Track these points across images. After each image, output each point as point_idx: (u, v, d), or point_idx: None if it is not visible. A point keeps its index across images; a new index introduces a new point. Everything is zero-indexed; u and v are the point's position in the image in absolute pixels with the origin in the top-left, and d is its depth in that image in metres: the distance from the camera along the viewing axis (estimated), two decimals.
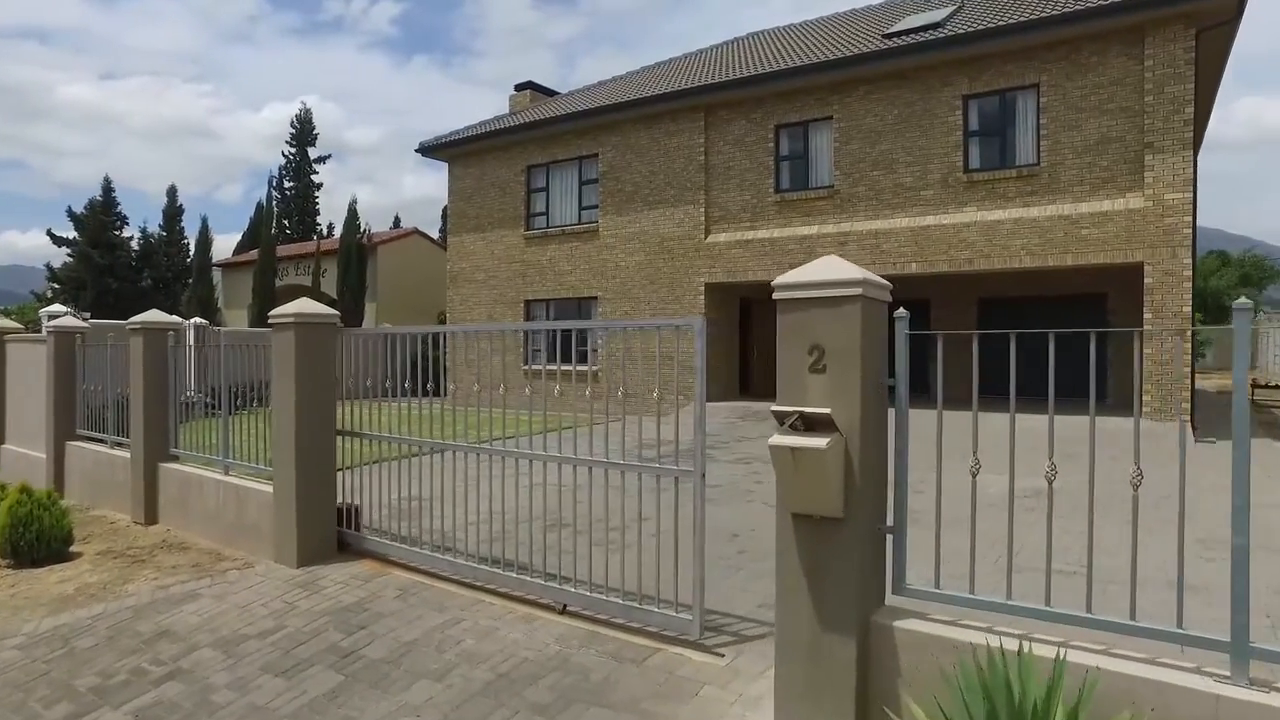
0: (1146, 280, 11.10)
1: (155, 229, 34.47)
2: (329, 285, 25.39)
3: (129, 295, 30.12)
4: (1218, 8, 10.70)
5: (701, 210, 15.41)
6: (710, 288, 15.43)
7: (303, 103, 42.40)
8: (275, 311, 6.06)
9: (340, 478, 6.13)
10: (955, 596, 3.22)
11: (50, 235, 32.44)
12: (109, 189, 32.99)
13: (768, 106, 14.82)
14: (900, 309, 3.38)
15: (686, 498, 4.21)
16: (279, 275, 27.11)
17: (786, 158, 14.79)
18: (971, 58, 12.65)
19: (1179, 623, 2.70)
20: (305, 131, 42.11)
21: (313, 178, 42.14)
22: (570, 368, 5.11)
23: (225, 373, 6.98)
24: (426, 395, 5.67)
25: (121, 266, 32.01)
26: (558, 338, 5.07)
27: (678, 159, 15.76)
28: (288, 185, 41.47)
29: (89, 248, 31.26)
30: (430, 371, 5.72)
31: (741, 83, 14.75)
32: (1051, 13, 11.68)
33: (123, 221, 33.28)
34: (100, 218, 32.08)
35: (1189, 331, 10.94)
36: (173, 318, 8.16)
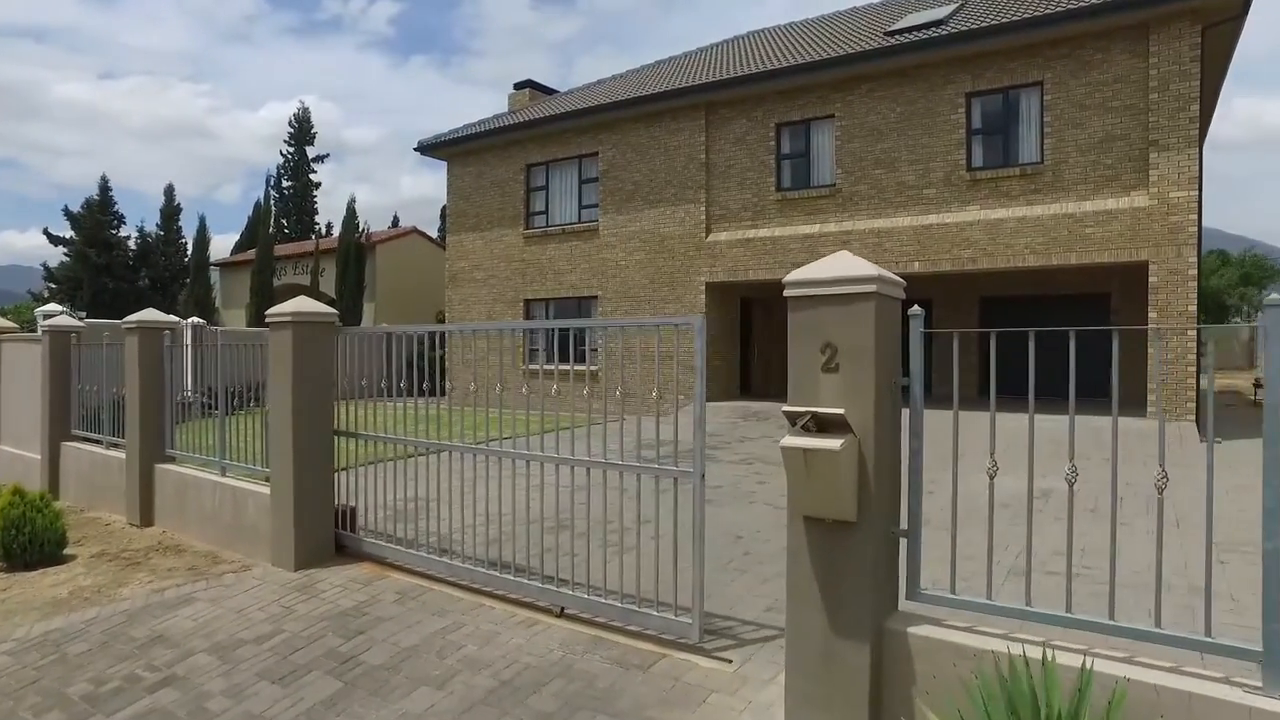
0: (1151, 279, 11.02)
1: (153, 228, 34.36)
2: (327, 285, 25.28)
3: (126, 295, 30.01)
4: (1225, 4, 10.62)
5: (702, 209, 15.32)
6: (711, 287, 15.34)
7: (301, 102, 42.35)
8: (272, 310, 5.97)
9: (338, 479, 6.04)
10: (972, 602, 3.13)
11: (47, 234, 32.33)
12: (106, 188, 32.88)
13: (769, 105, 14.72)
14: (915, 306, 3.30)
15: (686, 499, 4.13)
16: (277, 275, 27.00)
17: (788, 156, 14.69)
18: (974, 55, 12.56)
19: (1207, 631, 2.61)
20: (303, 131, 42.00)
21: (311, 177, 42.04)
22: (568, 367, 5.02)
23: (222, 373, 6.88)
24: (423, 395, 5.57)
25: (119, 266, 31.89)
26: (555, 337, 4.99)
27: (678, 157, 15.66)
28: (286, 185, 41.37)
29: (86, 247, 31.15)
30: (426, 371, 5.62)
31: (742, 81, 14.66)
32: (1055, 9, 11.58)
33: (120, 221, 33.18)
34: (97, 217, 31.97)
35: (1197, 330, 10.86)
36: (169, 317, 8.06)
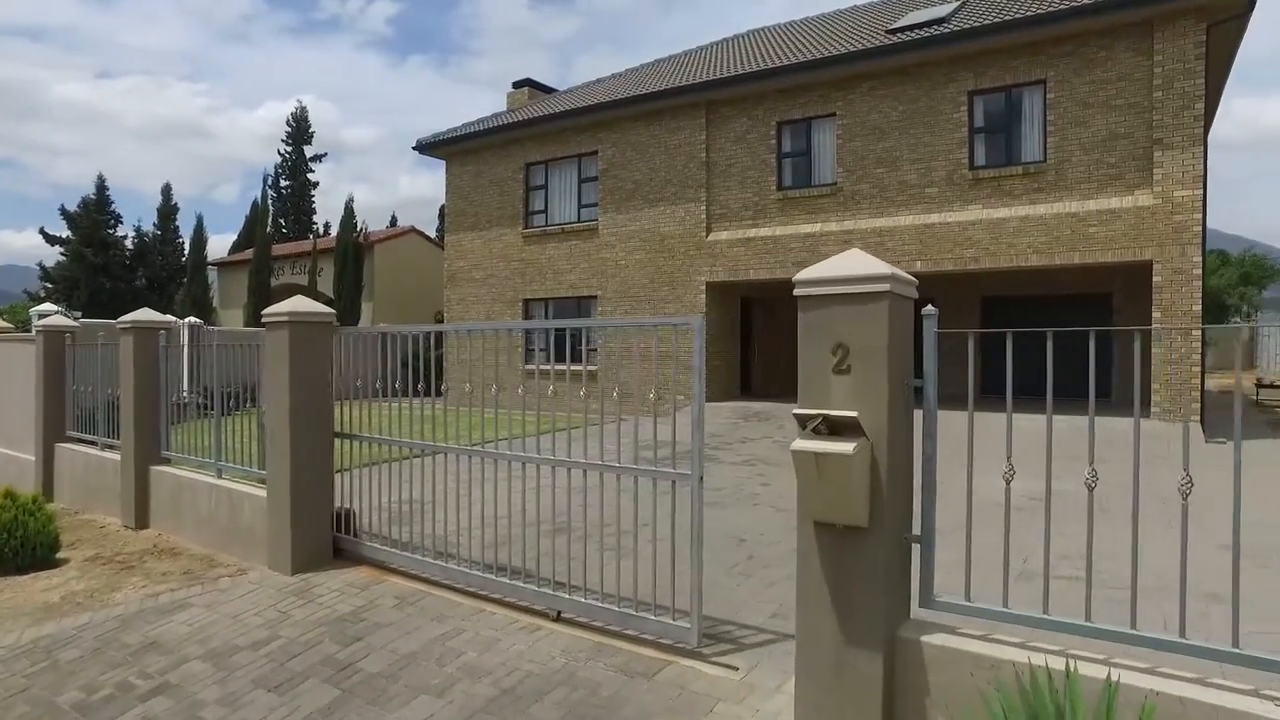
0: (1155, 279, 10.94)
1: (150, 228, 34.22)
2: (325, 284, 25.15)
3: (123, 294, 29.88)
4: (1230, 1, 10.54)
5: (702, 208, 15.23)
6: (711, 287, 15.25)
7: (298, 101, 42.12)
8: (269, 310, 5.87)
9: (336, 481, 5.94)
10: (989, 610, 3.04)
11: (43, 234, 32.18)
12: (103, 187, 32.72)
13: (770, 103, 14.64)
14: (929, 306, 3.21)
15: (686, 502, 4.05)
16: (275, 274, 26.88)
17: (789, 155, 14.61)
18: (977, 53, 12.48)
19: (1235, 641, 2.52)
20: (301, 130, 41.85)
21: (309, 176, 41.89)
22: (564, 367, 4.94)
23: (219, 373, 6.79)
24: (419, 395, 5.47)
25: (115, 265, 31.75)
26: (552, 337, 4.91)
27: (678, 156, 15.57)
28: (283, 184, 41.21)
29: (82, 247, 31.00)
30: (423, 372, 5.52)
31: (743, 79, 14.57)
32: (1058, 7, 11.50)
33: (117, 220, 33.04)
34: (94, 217, 31.82)
35: (1199, 329, 10.78)
36: (164, 316, 7.97)
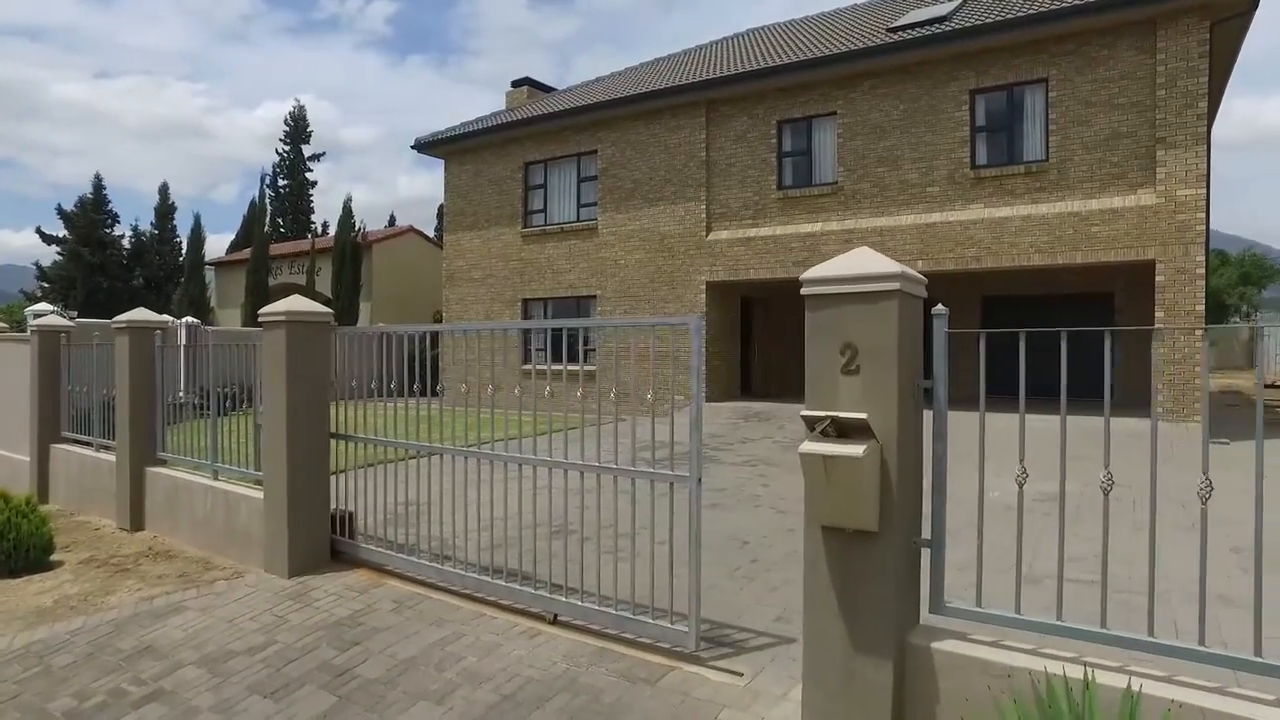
0: (1158, 278, 10.88)
1: (147, 227, 34.10)
2: (323, 284, 25.05)
3: (120, 294, 29.75)
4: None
5: (702, 207, 15.17)
6: (711, 286, 15.18)
7: (296, 100, 41.94)
8: (265, 309, 5.79)
9: (334, 482, 5.87)
10: (1002, 616, 2.97)
11: (39, 233, 32.07)
12: (100, 187, 32.62)
13: (770, 102, 14.57)
14: (938, 305, 3.15)
15: (686, 504, 3.98)
16: (273, 274, 26.77)
17: (789, 154, 14.54)
18: (978, 51, 12.42)
19: (1257, 650, 2.46)
20: (299, 129, 41.70)
21: (307, 176, 41.74)
22: (561, 367, 4.88)
23: (215, 373, 6.71)
24: (413, 395, 5.40)
25: (113, 265, 31.65)
26: (548, 337, 4.86)
27: (678, 155, 15.50)
28: (281, 183, 41.06)
29: (79, 246, 30.90)
30: (418, 372, 5.45)
31: (744, 77, 14.51)
32: (1060, 5, 11.45)
33: (114, 220, 32.92)
34: (91, 216, 31.72)
35: (1204, 328, 10.72)
36: (160, 316, 7.89)
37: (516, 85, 21.63)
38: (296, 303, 5.80)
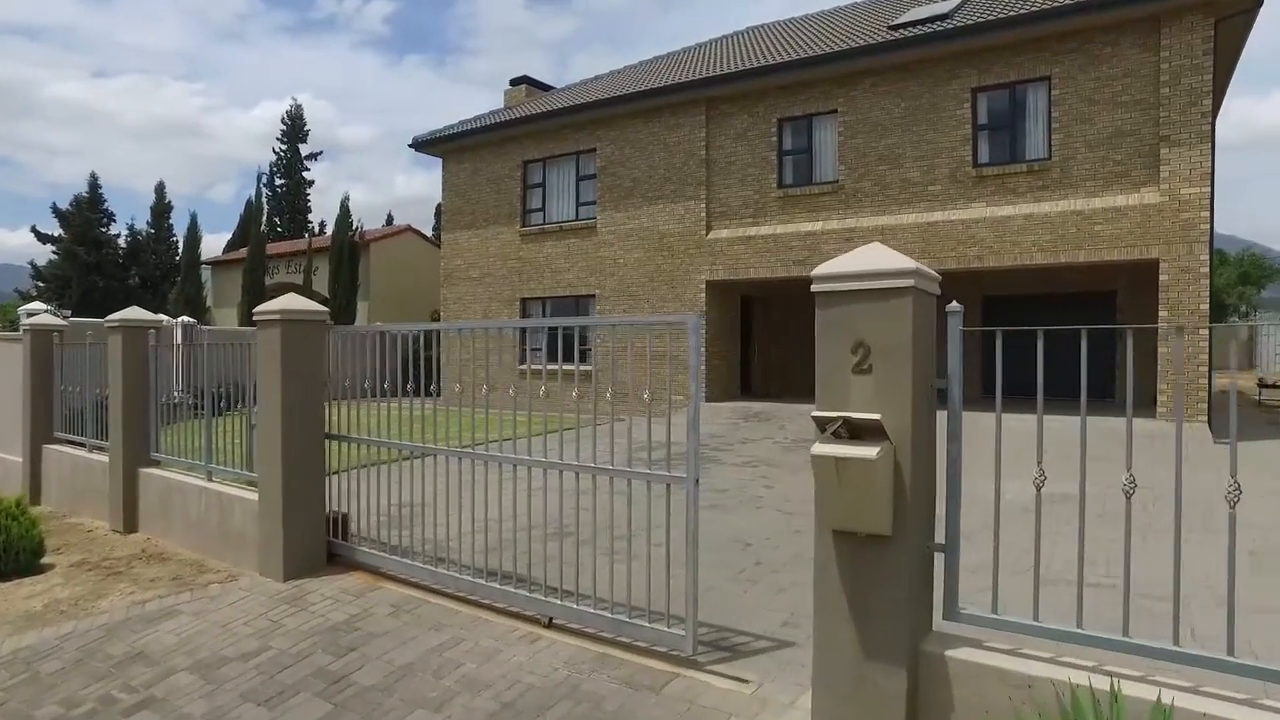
0: (1162, 277, 10.80)
1: (144, 226, 33.94)
2: (320, 284, 24.90)
3: (116, 293, 29.58)
4: None
5: (702, 206, 15.07)
6: (711, 285, 15.08)
7: (293, 98, 41.74)
8: (260, 308, 5.69)
9: (329, 483, 5.76)
10: (1018, 624, 2.88)
11: (35, 232, 31.91)
12: (95, 186, 32.46)
13: (770, 100, 14.47)
14: (954, 302, 3.05)
15: (682, 505, 3.89)
16: (269, 273, 26.61)
17: (790, 152, 14.44)
18: (980, 49, 12.33)
19: None
20: (296, 128, 41.50)
21: (304, 175, 41.55)
22: (557, 367, 4.78)
23: (211, 373, 6.60)
24: (407, 395, 5.29)
25: (108, 264, 31.50)
26: (544, 336, 4.77)
27: (678, 153, 15.40)
28: (279, 182, 40.84)
29: (75, 245, 30.74)
30: (412, 372, 5.35)
31: (744, 75, 14.41)
32: (1063, 2, 11.35)
33: (109, 219, 32.76)
34: (86, 215, 31.57)
35: (1208, 326, 10.65)
36: (158, 316, 7.78)
37: (515, 84, 21.51)
38: (292, 301, 5.70)
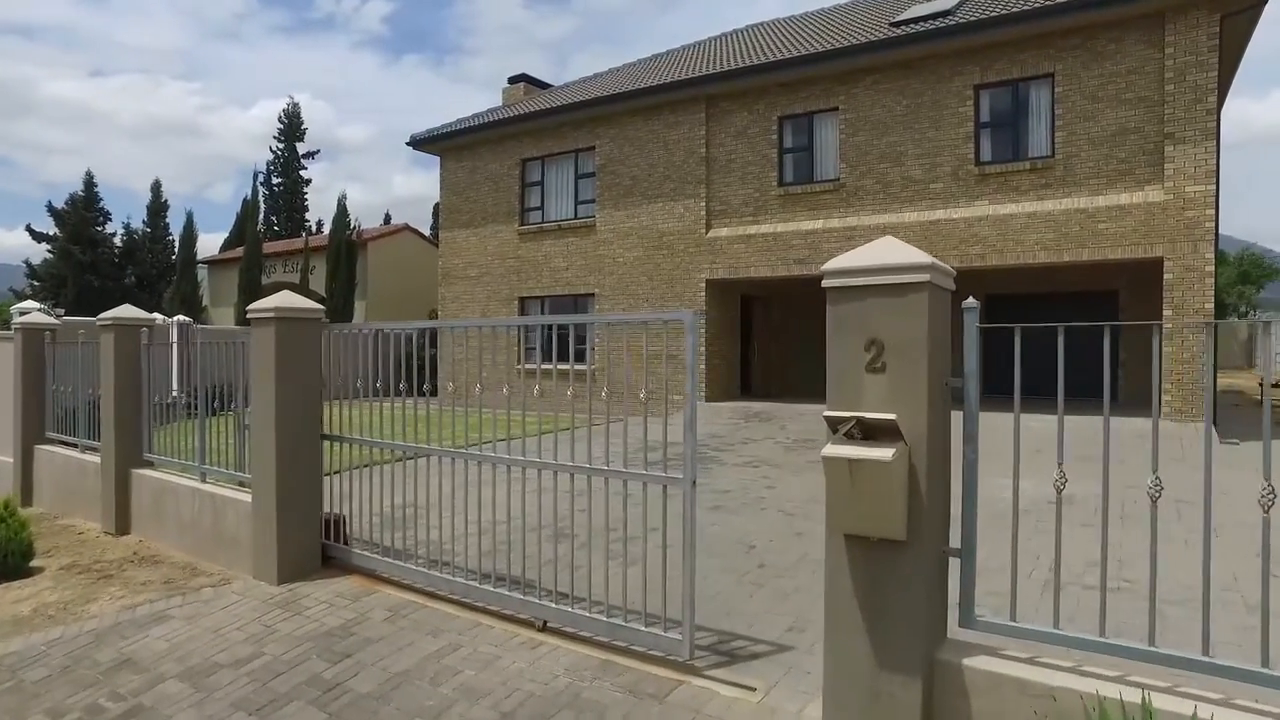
0: (1166, 276, 10.71)
1: (140, 225, 33.76)
2: (317, 283, 24.75)
3: (112, 293, 29.37)
4: None
5: (702, 204, 14.96)
6: (711, 284, 14.97)
7: (290, 97, 41.55)
8: (254, 305, 5.56)
9: (325, 484, 5.65)
10: (1038, 631, 2.77)
11: (29, 231, 31.72)
12: (91, 184, 32.26)
13: (771, 97, 14.37)
14: (970, 299, 2.94)
15: (687, 507, 3.78)
16: (266, 272, 26.44)
17: (790, 150, 14.34)
18: (983, 46, 12.23)
19: None
20: (293, 126, 41.29)
21: (301, 174, 41.35)
22: (550, 366, 4.67)
23: (206, 372, 6.48)
24: (405, 395, 5.18)
25: (104, 263, 31.30)
26: (539, 334, 4.67)
27: (678, 151, 15.29)
28: (275, 181, 40.63)
29: (70, 244, 30.54)
30: (403, 371, 5.23)
31: (744, 72, 14.30)
32: None
33: (105, 217, 32.56)
34: (82, 213, 31.36)
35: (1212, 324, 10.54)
36: (153, 315, 7.67)
37: (513, 81, 21.39)
38: (286, 299, 5.58)
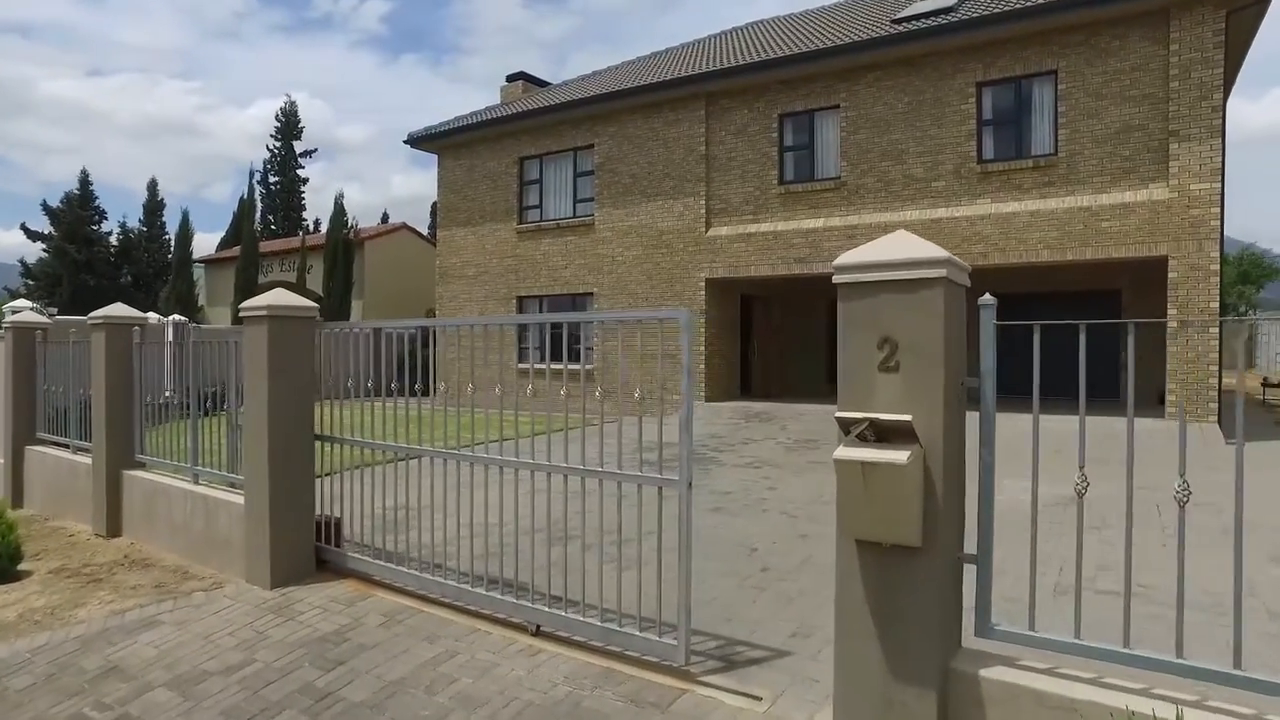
0: (1171, 275, 10.61)
1: (136, 224, 33.58)
2: (315, 282, 24.62)
3: (107, 291, 29.18)
4: None
5: (702, 203, 14.85)
6: (711, 283, 14.86)
7: (288, 95, 41.33)
8: (246, 304, 5.44)
9: (319, 486, 5.53)
10: (1060, 642, 2.67)
11: (24, 230, 31.54)
12: (86, 183, 32.10)
13: (771, 95, 14.26)
14: (986, 295, 2.84)
15: (686, 509, 3.67)
16: (263, 271, 26.31)
17: (791, 148, 14.23)
18: (985, 43, 12.13)
19: None
20: (290, 125, 41.10)
21: (298, 172, 41.17)
22: (545, 366, 4.56)
23: (200, 372, 6.36)
24: (393, 395, 5.06)
25: (100, 262, 31.13)
26: (534, 333, 4.57)
27: (677, 150, 15.18)
28: (272, 180, 40.46)
29: (65, 243, 30.37)
30: (398, 370, 5.11)
31: (744, 70, 14.19)
32: None
33: (101, 216, 32.39)
34: (77, 212, 31.19)
35: (1217, 321, 10.46)
36: (147, 315, 7.54)
37: (511, 80, 21.26)
38: (280, 297, 5.46)
